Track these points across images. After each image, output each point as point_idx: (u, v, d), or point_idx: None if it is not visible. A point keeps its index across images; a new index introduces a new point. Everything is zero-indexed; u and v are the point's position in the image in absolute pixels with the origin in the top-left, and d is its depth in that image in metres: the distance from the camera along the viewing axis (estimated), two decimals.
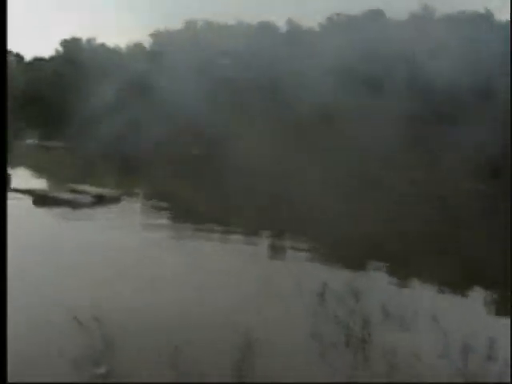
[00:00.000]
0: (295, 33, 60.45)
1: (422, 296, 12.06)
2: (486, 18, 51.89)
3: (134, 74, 53.97)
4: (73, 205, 20.26)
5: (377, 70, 43.99)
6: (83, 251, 14.00)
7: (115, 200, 21.61)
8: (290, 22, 64.23)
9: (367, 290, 11.86)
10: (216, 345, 9.34)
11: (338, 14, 62.14)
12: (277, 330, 9.96)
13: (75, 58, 66.30)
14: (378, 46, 45.58)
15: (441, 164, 32.94)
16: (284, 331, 9.93)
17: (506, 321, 10.92)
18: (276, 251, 15.60)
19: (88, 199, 20.96)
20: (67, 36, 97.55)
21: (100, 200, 21.20)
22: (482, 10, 53.16)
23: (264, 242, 16.57)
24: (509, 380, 7.85)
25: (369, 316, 10.42)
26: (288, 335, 9.81)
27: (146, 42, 72.98)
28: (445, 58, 42.17)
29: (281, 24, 64.92)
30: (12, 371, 7.54)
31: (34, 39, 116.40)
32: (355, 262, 14.59)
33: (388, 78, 43.62)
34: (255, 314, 10.54)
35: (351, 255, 15.11)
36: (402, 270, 14.02)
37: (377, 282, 12.88)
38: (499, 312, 11.59)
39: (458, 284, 13.18)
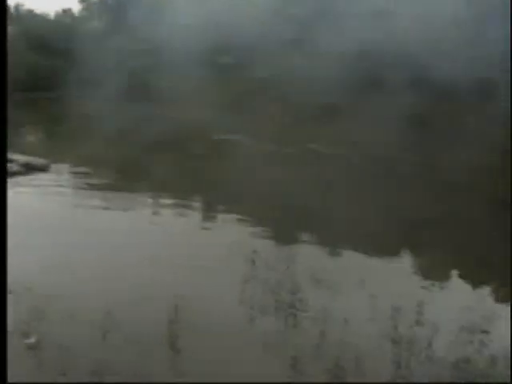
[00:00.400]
0: None
1: (352, 262, 12.16)
2: None
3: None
4: None
5: None
6: None
7: (43, 168, 21.00)
8: None
9: (297, 257, 11.89)
10: (146, 310, 9.24)
11: None
12: (206, 296, 9.89)
13: None
14: None
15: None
16: (214, 298, 9.85)
17: (434, 286, 11.11)
18: (208, 219, 15.48)
19: (14, 168, 20.31)
20: None
21: (28, 168, 20.56)
22: None
23: (197, 209, 16.43)
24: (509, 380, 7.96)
25: (299, 282, 10.45)
26: (218, 302, 9.73)
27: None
28: None
29: None
30: None
31: None
32: (287, 231, 14.59)
33: None
34: (185, 281, 10.44)
35: (284, 225, 15.09)
36: (333, 237, 14.08)
37: (307, 249, 12.90)
38: (428, 276, 11.78)
39: (387, 249, 13.33)
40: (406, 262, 12.57)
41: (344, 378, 7.75)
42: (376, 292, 10.08)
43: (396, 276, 11.66)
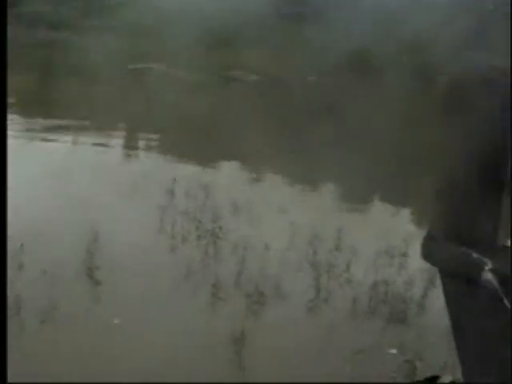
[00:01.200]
0: None
1: (273, 190, 12.13)
2: None
3: None
4: None
5: None
6: None
7: None
8: None
9: (218, 185, 11.77)
10: (63, 238, 9.00)
11: None
12: (124, 226, 9.67)
13: None
14: None
15: None
16: (132, 227, 9.66)
17: (352, 214, 11.21)
18: (129, 148, 15.13)
19: None
20: None
21: None
22: None
23: (118, 139, 16.06)
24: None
25: (219, 210, 10.36)
26: (137, 231, 9.55)
27: None
28: None
29: None
30: None
31: None
32: (206, 157, 14.42)
33: None
34: (103, 210, 10.19)
35: (204, 151, 14.91)
36: (255, 165, 14.00)
37: (227, 177, 12.80)
38: (349, 202, 11.87)
39: (308, 176, 13.34)
40: (326, 187, 12.63)
41: (264, 304, 7.74)
42: (296, 219, 10.08)
43: (316, 202, 11.70)
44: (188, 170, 13.00)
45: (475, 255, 2.46)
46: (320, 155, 14.87)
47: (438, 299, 8.04)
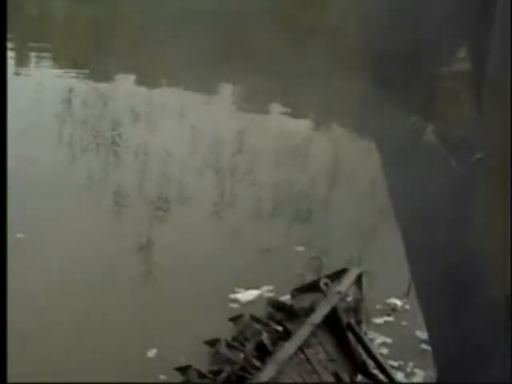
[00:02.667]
0: None
1: (171, 96, 11.79)
2: None
3: None
4: None
5: None
6: None
7: None
8: None
9: (115, 93, 11.32)
10: None
11: None
12: (22, 139, 9.14)
13: None
14: None
15: None
16: (30, 140, 9.14)
17: (254, 115, 11.09)
18: (21, 59, 14.29)
19: None
20: None
21: None
22: None
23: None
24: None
25: (118, 119, 9.97)
26: (36, 143, 9.06)
27: None
28: None
29: None
30: None
31: None
32: (102, 69, 13.80)
33: None
34: None
35: (99, 63, 14.25)
36: (151, 72, 13.55)
37: (125, 85, 12.32)
38: (249, 109, 11.72)
39: (207, 81, 13.03)
40: (225, 92, 12.40)
41: (168, 210, 7.58)
42: (196, 124, 9.82)
43: (216, 108, 11.47)
44: (83, 80, 12.41)
45: (414, 118, 2.33)
46: (218, 62, 14.49)
47: (341, 196, 8.14)
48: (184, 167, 8.46)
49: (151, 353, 5.16)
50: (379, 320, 5.83)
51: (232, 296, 5.96)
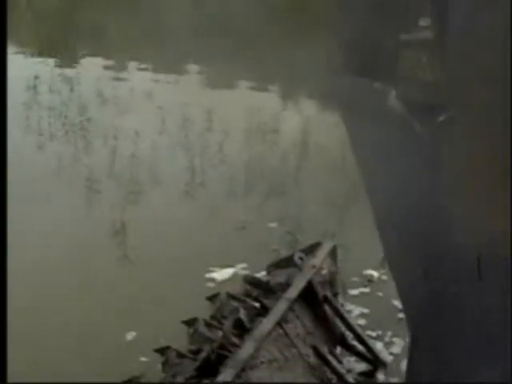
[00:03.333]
0: None
1: (137, 78, 11.67)
2: None
3: None
4: None
5: None
6: None
7: None
8: None
9: (81, 78, 11.18)
10: None
11: None
12: None
13: None
14: None
15: None
16: None
17: (221, 92, 11.01)
18: None
19: None
20: None
21: None
22: None
23: None
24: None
25: (85, 103, 9.86)
26: None
27: None
28: None
29: None
30: None
31: None
32: (68, 53, 13.62)
33: None
34: None
35: (65, 46, 14.07)
36: (118, 54, 13.39)
37: (91, 69, 12.16)
38: (216, 85, 11.65)
39: (174, 62, 12.92)
40: (192, 72, 12.30)
41: (140, 193, 7.51)
42: (164, 104, 9.74)
43: (184, 88, 11.37)
44: (49, 65, 12.23)
45: (378, 84, 2.30)
46: (183, 42, 14.35)
47: (311, 172, 8.12)
48: (154, 147, 8.39)
49: (130, 335, 5.12)
50: (355, 291, 5.84)
51: (208, 275, 5.92)
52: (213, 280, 5.89)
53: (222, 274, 5.94)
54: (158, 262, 6.07)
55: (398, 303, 5.49)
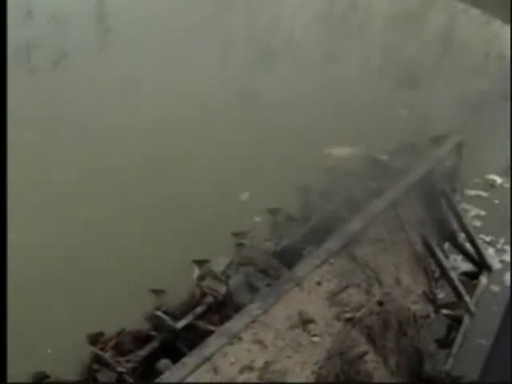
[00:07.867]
0: None
1: None
2: None
3: None
4: None
5: None
6: None
7: None
8: None
9: None
10: None
11: None
12: None
13: None
14: None
15: None
16: None
17: None
18: None
19: None
20: None
21: None
22: None
23: None
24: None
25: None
26: None
27: None
28: None
29: None
30: None
31: None
32: None
33: None
34: None
35: None
36: None
37: None
38: None
39: None
40: None
41: (273, 59, 7.22)
42: None
43: None
44: None
45: None
46: None
47: (452, 66, 7.49)
48: (296, 16, 8.03)
49: (244, 196, 5.09)
50: (473, 193, 5.54)
51: (327, 151, 5.74)
52: (332, 155, 5.71)
53: (341, 151, 5.74)
54: (280, 131, 5.90)
55: None
